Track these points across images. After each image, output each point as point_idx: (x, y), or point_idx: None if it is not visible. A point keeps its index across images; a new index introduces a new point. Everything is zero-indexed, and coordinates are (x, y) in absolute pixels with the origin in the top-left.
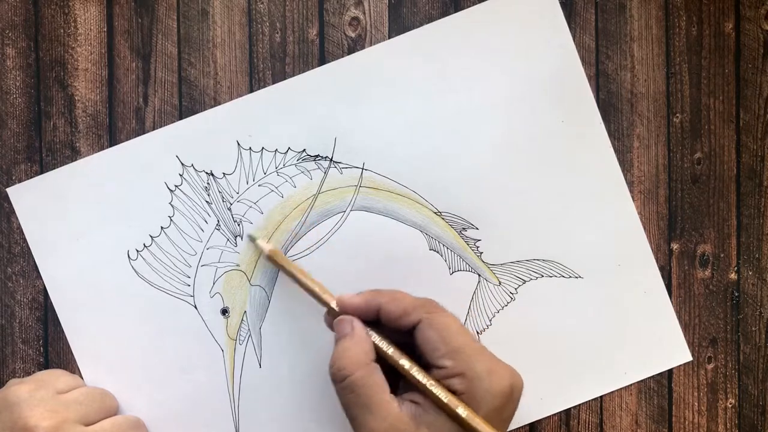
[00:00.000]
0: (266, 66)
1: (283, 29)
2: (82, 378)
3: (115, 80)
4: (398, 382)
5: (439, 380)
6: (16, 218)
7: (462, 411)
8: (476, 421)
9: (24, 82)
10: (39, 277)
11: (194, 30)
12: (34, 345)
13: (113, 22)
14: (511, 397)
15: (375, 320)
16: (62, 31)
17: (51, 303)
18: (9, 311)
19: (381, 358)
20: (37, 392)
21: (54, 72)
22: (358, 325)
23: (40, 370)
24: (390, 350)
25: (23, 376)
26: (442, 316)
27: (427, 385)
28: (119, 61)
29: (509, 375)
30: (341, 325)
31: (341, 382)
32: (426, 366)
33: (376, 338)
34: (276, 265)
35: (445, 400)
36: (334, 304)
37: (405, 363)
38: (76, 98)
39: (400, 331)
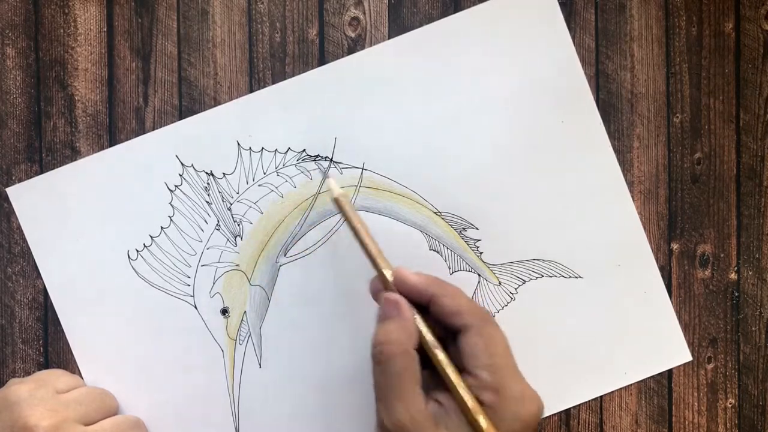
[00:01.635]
0: (266, 66)
1: (283, 29)
2: (82, 378)
3: (115, 80)
4: (426, 375)
5: (470, 387)
6: (16, 218)
7: (483, 421)
8: None
9: (24, 82)
10: (39, 277)
11: (194, 30)
12: (34, 345)
13: (113, 22)
14: (532, 427)
15: (423, 306)
16: (62, 31)
17: (51, 303)
18: (9, 311)
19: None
20: (37, 392)
21: (54, 72)
22: (405, 308)
23: (40, 370)
24: (430, 339)
25: (23, 376)
26: (494, 328)
27: (457, 385)
28: (119, 61)
29: (538, 405)
30: (389, 305)
31: (380, 364)
32: (460, 371)
33: (421, 324)
34: (339, 211)
35: (470, 405)
36: (389, 274)
37: (442, 357)
38: (76, 98)
39: (443, 325)
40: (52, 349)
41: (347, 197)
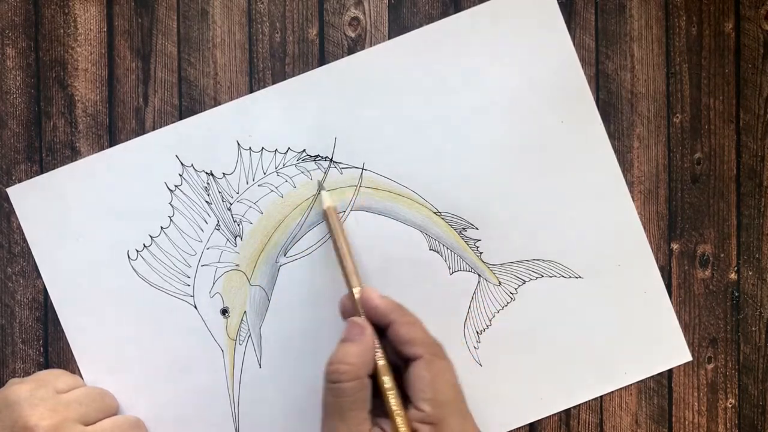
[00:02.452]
0: (266, 66)
1: (283, 29)
2: (82, 378)
3: (115, 80)
4: (377, 402)
5: (411, 420)
6: (16, 218)
7: None
8: None
9: (24, 82)
10: (39, 277)
11: (194, 30)
12: (34, 345)
13: (113, 22)
14: None
15: (381, 329)
16: (62, 31)
17: (51, 303)
18: (9, 311)
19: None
20: (37, 391)
21: (54, 72)
22: (368, 333)
23: (40, 370)
24: (381, 362)
25: (23, 376)
26: (444, 363)
27: (396, 414)
28: (119, 61)
29: None
30: (353, 327)
31: (333, 383)
32: (406, 402)
33: (378, 351)
34: (326, 223)
35: None
36: (356, 291)
37: (388, 384)
38: (76, 98)
39: (397, 353)
40: (52, 349)
41: (335, 211)
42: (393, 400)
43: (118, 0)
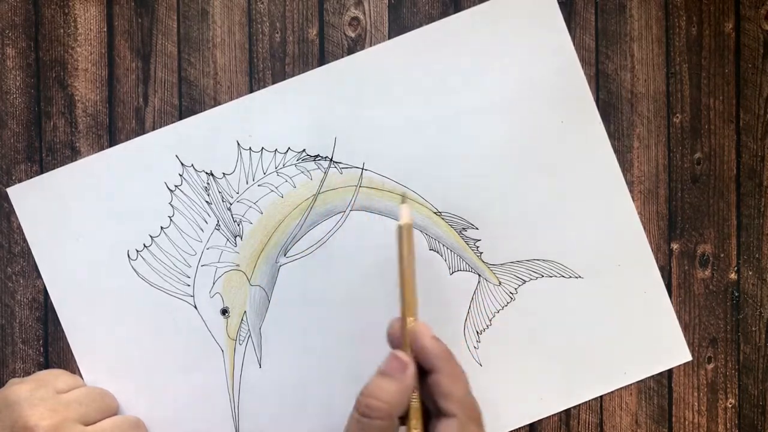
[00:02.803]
0: (266, 66)
1: (283, 29)
2: (82, 378)
3: (115, 80)
4: None
5: None
6: (16, 218)
7: None
8: None
9: (24, 82)
10: (39, 277)
11: (194, 30)
12: (34, 345)
13: (113, 22)
14: None
15: (424, 371)
16: (62, 31)
17: (51, 303)
18: (9, 311)
19: None
20: (37, 391)
21: (54, 72)
22: (410, 374)
23: (40, 370)
24: (415, 404)
25: (23, 376)
26: (464, 430)
27: None
28: (119, 61)
29: None
30: (396, 362)
31: (362, 416)
32: None
33: (416, 394)
34: (398, 241)
35: None
36: (410, 321)
37: (417, 427)
38: (76, 98)
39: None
40: (52, 349)
41: (410, 229)
42: None
43: (118, 0)
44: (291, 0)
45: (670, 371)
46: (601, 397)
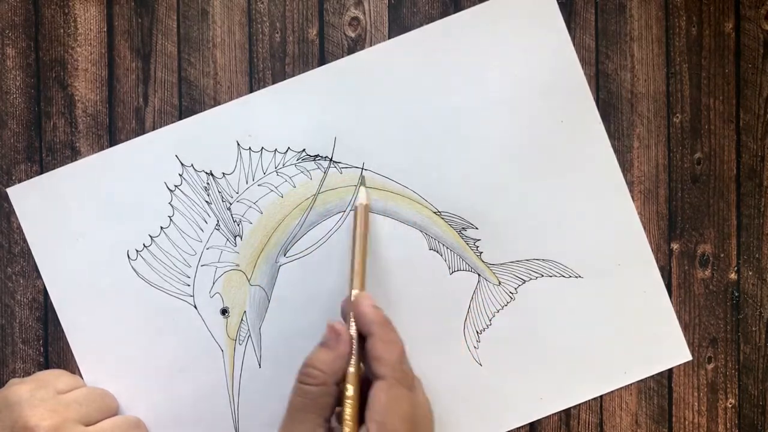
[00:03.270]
0: (266, 66)
1: (283, 29)
2: (82, 378)
3: (115, 80)
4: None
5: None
6: (16, 218)
7: None
8: None
9: (24, 82)
10: (39, 277)
11: (194, 30)
12: (34, 345)
13: (113, 22)
14: None
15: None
16: (62, 31)
17: (51, 303)
18: (9, 311)
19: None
20: (37, 392)
21: (54, 72)
22: (344, 341)
23: (40, 370)
24: (351, 370)
25: (23, 376)
26: (404, 392)
27: (346, 422)
28: (119, 61)
29: None
30: (330, 332)
31: (300, 383)
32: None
33: (354, 354)
34: (354, 219)
35: None
36: (354, 293)
37: (350, 391)
38: (76, 98)
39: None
40: (52, 349)
41: (367, 210)
42: (348, 410)
43: (118, 0)
44: (291, 0)
45: (670, 371)
46: (601, 397)
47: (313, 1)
